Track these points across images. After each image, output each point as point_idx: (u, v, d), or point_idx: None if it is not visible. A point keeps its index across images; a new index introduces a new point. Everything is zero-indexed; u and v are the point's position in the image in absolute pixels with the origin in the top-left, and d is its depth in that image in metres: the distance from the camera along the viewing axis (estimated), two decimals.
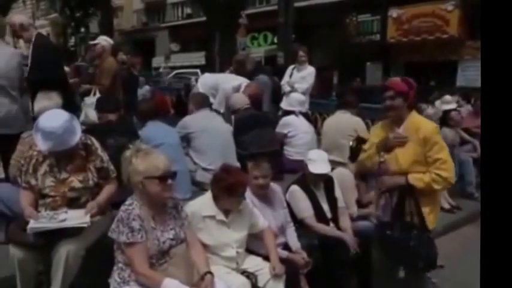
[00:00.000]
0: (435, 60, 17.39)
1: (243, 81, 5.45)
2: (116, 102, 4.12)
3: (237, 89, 5.26)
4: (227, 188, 2.58)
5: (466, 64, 17.42)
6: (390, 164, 2.74)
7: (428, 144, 2.65)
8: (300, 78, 6.09)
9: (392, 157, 2.74)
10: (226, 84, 5.40)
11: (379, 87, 4.10)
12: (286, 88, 6.11)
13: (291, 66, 6.41)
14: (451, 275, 3.14)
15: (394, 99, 2.72)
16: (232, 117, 4.73)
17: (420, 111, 4.54)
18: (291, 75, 6.19)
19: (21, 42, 4.37)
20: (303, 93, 5.87)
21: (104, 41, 5.62)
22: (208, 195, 2.73)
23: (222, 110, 5.26)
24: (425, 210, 2.73)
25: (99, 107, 3.90)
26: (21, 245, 2.49)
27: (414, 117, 2.79)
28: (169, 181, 2.31)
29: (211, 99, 5.14)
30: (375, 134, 2.92)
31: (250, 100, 4.85)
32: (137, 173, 2.28)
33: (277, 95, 6.32)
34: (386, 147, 2.77)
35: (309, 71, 6.15)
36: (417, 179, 2.65)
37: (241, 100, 4.80)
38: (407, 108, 2.77)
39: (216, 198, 2.66)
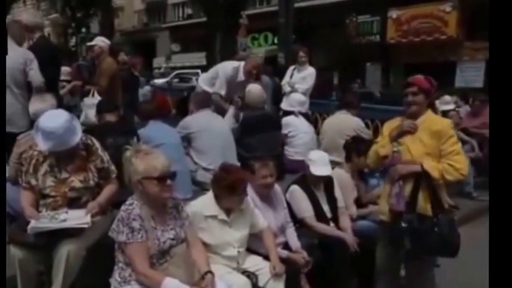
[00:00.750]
0: (434, 61, 17.40)
1: (241, 63, 5.41)
2: (114, 103, 4.11)
3: (237, 70, 5.21)
4: (228, 187, 2.59)
5: (465, 65, 17.48)
6: (403, 154, 2.78)
7: (443, 137, 2.69)
8: (300, 78, 6.09)
9: (404, 148, 2.78)
10: (226, 68, 5.34)
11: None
12: (287, 88, 6.10)
13: (292, 67, 6.41)
14: (448, 274, 3.14)
15: (416, 95, 2.77)
16: (241, 114, 4.66)
17: (437, 111, 4.54)
18: (291, 76, 6.19)
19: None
20: (303, 93, 5.86)
21: (101, 42, 5.61)
22: (209, 195, 2.73)
23: (222, 93, 5.22)
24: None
25: (98, 108, 3.91)
26: (22, 245, 2.50)
27: (430, 114, 2.84)
28: (169, 181, 2.31)
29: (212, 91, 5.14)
30: (389, 128, 2.95)
31: (254, 72, 4.90)
32: (136, 173, 2.28)
33: (278, 95, 6.32)
34: (397, 135, 2.80)
35: (309, 72, 6.15)
36: (432, 166, 2.67)
37: (260, 98, 4.75)
38: (426, 106, 2.82)
39: (217, 198, 2.67)
